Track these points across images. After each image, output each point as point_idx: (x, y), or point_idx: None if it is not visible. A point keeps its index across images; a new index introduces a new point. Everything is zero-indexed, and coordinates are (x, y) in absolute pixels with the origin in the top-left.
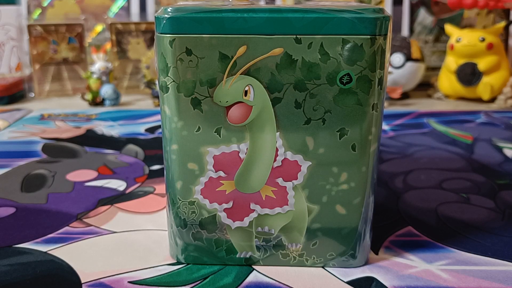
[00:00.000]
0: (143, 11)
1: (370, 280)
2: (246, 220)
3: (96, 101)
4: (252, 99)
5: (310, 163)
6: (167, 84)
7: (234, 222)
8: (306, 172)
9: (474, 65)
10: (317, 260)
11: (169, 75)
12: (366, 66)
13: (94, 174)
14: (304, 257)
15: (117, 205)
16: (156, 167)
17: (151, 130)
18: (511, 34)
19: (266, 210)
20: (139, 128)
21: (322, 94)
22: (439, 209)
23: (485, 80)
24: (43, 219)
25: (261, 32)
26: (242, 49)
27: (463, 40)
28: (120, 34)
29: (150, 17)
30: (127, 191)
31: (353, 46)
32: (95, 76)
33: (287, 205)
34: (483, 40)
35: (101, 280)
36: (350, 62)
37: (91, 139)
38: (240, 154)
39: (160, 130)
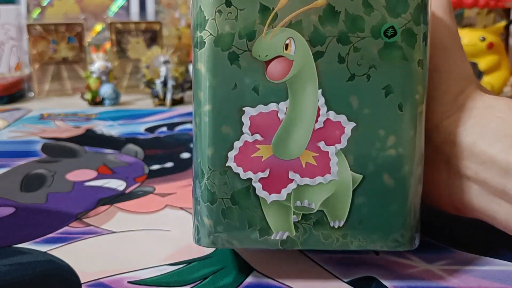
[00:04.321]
0: (143, 11)
1: (370, 280)
2: (284, 193)
3: (96, 101)
4: (293, 53)
5: (355, 124)
6: (204, 38)
7: (270, 194)
8: (351, 135)
9: (474, 65)
10: (363, 242)
11: (206, 28)
12: (410, 19)
13: (93, 174)
14: (349, 238)
15: (117, 205)
16: (156, 167)
17: (151, 129)
18: (511, 34)
19: (306, 180)
20: (139, 127)
21: (366, 48)
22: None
23: (486, 79)
24: (43, 219)
25: None
26: (283, 0)
27: (463, 39)
28: (119, 34)
29: (150, 16)
30: (127, 191)
31: None
32: (94, 75)
33: (330, 173)
34: (483, 39)
35: (101, 280)
36: (394, 14)
37: (90, 138)
38: (279, 114)
39: (160, 130)
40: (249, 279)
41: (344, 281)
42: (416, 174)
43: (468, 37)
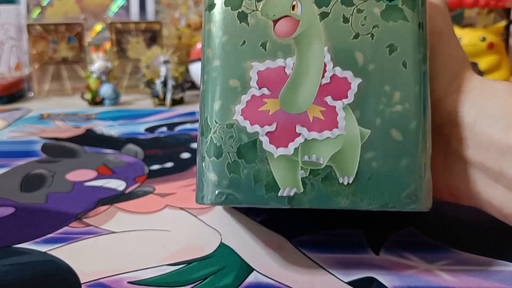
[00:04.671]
0: (143, 11)
1: (370, 280)
2: (291, 147)
3: (96, 101)
4: (300, 13)
5: (361, 80)
6: (214, 1)
7: (277, 149)
8: (357, 90)
9: (474, 65)
10: (373, 200)
11: None
12: None
13: (93, 174)
14: (358, 195)
15: (116, 205)
16: (156, 167)
17: (150, 129)
18: (511, 34)
19: (314, 134)
20: (139, 127)
21: (369, 10)
22: (441, 209)
23: None
24: (43, 219)
25: None
26: None
27: (463, 39)
28: (119, 34)
29: (150, 16)
30: (127, 191)
31: None
32: (94, 75)
33: (337, 128)
34: (483, 39)
35: (101, 280)
36: None
37: (90, 138)
38: (286, 70)
39: (160, 130)
40: (249, 279)
41: (344, 282)
42: (425, 130)
43: (469, 37)
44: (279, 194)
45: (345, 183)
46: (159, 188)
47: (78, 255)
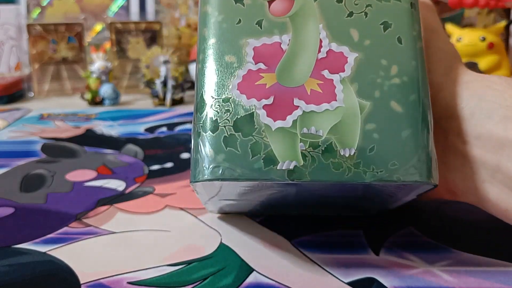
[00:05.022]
0: (143, 11)
1: (370, 281)
2: (289, 119)
3: (96, 101)
4: None
5: (357, 54)
6: None
7: (275, 121)
8: (354, 64)
9: (475, 65)
10: (377, 172)
11: None
12: None
13: (93, 174)
14: (361, 167)
15: (116, 205)
16: (155, 167)
17: (150, 130)
18: (511, 34)
19: (312, 107)
20: (139, 127)
21: None
22: (441, 209)
23: None
24: (42, 219)
25: None
26: None
27: (463, 39)
28: (119, 34)
29: (150, 16)
30: (127, 191)
31: None
32: (94, 75)
33: (336, 100)
34: (483, 39)
35: (101, 280)
36: None
37: (90, 138)
38: (282, 46)
39: (160, 130)
40: (249, 280)
41: (344, 282)
42: (424, 103)
43: (469, 37)
44: (278, 167)
45: (347, 155)
46: (159, 188)
47: (78, 255)
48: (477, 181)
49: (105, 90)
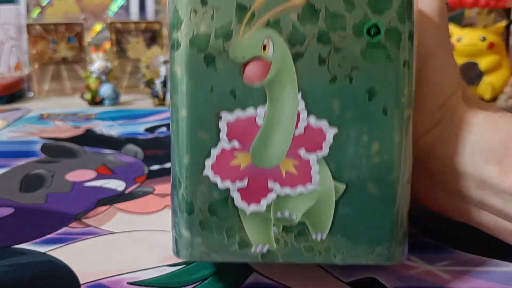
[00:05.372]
0: (143, 10)
1: (370, 281)
2: (264, 203)
3: (96, 101)
4: (271, 54)
5: (337, 130)
6: (179, 39)
7: (249, 205)
8: (332, 142)
9: (475, 65)
10: (347, 256)
11: (181, 28)
12: (394, 16)
13: (93, 174)
14: (332, 251)
15: (116, 205)
16: (155, 167)
17: (150, 130)
18: None
19: (287, 190)
20: (139, 128)
21: (348, 48)
22: None
23: (486, 79)
24: (42, 219)
25: None
26: None
27: (464, 39)
28: (119, 33)
29: (150, 16)
30: (127, 191)
31: None
32: (94, 75)
33: (311, 182)
34: (484, 39)
35: (100, 281)
36: (377, 11)
37: (90, 138)
38: (257, 120)
39: (160, 130)
40: (249, 280)
41: (344, 282)
42: (403, 182)
43: (469, 37)
44: (252, 251)
45: (318, 239)
46: (158, 189)
47: (77, 255)
48: (466, 209)
49: (105, 90)
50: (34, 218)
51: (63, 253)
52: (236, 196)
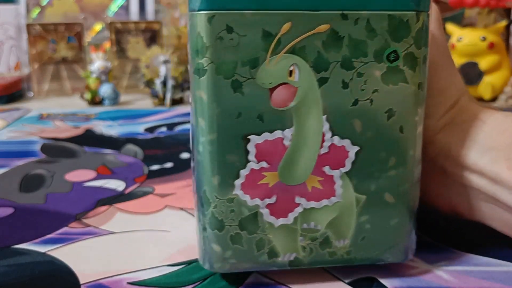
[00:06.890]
0: (143, 10)
1: (371, 281)
2: (291, 216)
3: (95, 101)
4: (298, 79)
5: (358, 148)
6: (204, 66)
7: (277, 219)
8: (354, 158)
9: (475, 65)
10: (366, 257)
11: (206, 55)
12: (412, 43)
13: (93, 174)
14: (352, 254)
15: (116, 205)
16: (155, 167)
17: (150, 130)
18: None
19: (312, 204)
20: (139, 127)
21: (370, 73)
22: None
23: (486, 79)
24: (42, 220)
25: (306, 7)
26: (286, 26)
27: (464, 39)
28: (119, 33)
29: (150, 16)
30: (126, 191)
31: (399, 22)
32: (94, 75)
33: (335, 196)
34: (484, 39)
35: (100, 281)
36: (396, 38)
37: (90, 138)
38: (284, 142)
39: (160, 130)
40: (249, 280)
41: (344, 282)
42: (415, 190)
43: (469, 37)
44: (280, 259)
45: (341, 245)
46: (158, 189)
47: (77, 255)
48: (480, 206)
49: (105, 90)
50: (34, 218)
51: (63, 253)
52: (265, 211)
